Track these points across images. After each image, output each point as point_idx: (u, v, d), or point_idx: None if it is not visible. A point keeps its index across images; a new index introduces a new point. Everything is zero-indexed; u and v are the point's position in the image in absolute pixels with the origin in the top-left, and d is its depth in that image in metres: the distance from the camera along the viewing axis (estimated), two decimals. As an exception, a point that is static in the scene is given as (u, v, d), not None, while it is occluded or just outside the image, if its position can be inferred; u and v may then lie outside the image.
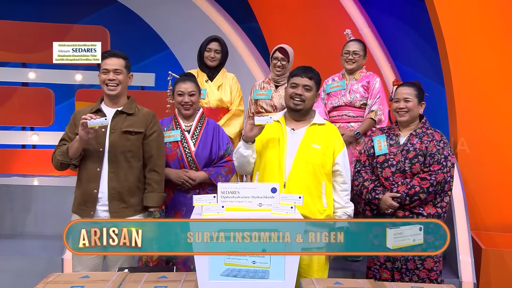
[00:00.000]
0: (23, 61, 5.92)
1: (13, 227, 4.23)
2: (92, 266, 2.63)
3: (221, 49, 3.58)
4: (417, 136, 2.82)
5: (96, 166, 2.61)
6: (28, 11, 6.21)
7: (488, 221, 4.08)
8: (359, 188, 2.89)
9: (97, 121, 2.41)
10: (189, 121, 2.98)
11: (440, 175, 2.71)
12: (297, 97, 2.55)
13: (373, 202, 2.82)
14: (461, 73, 4.12)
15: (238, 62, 5.76)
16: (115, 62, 2.64)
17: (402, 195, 2.73)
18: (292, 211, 2.02)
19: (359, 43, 3.70)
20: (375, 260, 2.86)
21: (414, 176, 2.76)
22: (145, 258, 2.99)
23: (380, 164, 2.84)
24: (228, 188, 2.09)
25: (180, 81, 2.95)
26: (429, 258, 2.75)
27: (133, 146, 2.65)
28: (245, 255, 1.88)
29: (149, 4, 6.36)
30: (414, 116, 2.84)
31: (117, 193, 2.62)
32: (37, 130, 5.92)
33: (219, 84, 3.58)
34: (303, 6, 5.75)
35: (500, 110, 4.05)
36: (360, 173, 2.93)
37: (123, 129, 2.63)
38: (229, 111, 3.63)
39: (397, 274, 2.81)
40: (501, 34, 4.04)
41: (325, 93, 3.76)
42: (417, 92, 2.85)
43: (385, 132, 2.93)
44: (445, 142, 2.82)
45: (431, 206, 2.76)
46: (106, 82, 2.64)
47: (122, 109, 2.67)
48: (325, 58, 5.22)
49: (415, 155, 2.77)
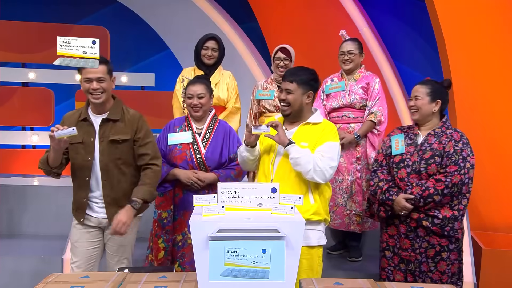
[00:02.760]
0: (23, 61, 5.91)
1: (13, 227, 4.23)
2: (86, 258, 2.67)
3: (218, 47, 3.58)
4: (435, 136, 2.76)
5: (84, 176, 2.62)
6: (28, 11, 6.22)
7: (488, 221, 4.08)
8: (374, 188, 2.86)
9: (64, 131, 2.39)
10: (201, 123, 2.99)
11: (457, 176, 2.64)
12: (282, 103, 2.57)
13: (387, 203, 2.78)
14: (461, 73, 4.11)
15: (238, 62, 5.77)
16: (97, 70, 2.49)
17: (415, 196, 2.68)
18: (292, 211, 2.02)
19: (353, 42, 3.69)
20: (389, 261, 2.83)
21: (429, 177, 2.70)
22: (150, 256, 3.00)
23: (396, 164, 2.80)
24: (228, 188, 2.09)
25: (190, 84, 2.98)
26: (442, 261, 2.72)
27: (122, 154, 2.64)
28: (245, 255, 1.88)
29: (149, 4, 6.37)
30: (425, 114, 2.79)
31: (112, 199, 2.64)
32: (37, 130, 5.91)
33: (216, 81, 3.59)
34: (303, 6, 5.75)
35: (500, 110, 4.05)
36: (376, 173, 2.89)
37: (110, 137, 2.61)
38: (226, 109, 3.63)
39: (410, 277, 2.77)
40: (501, 34, 4.04)
41: (324, 94, 3.75)
42: (430, 90, 2.78)
43: (405, 132, 2.87)
44: (465, 142, 2.73)
45: (447, 209, 2.69)
46: (90, 91, 2.57)
47: (108, 116, 2.63)
48: (325, 58, 5.22)
49: (431, 155, 2.71)
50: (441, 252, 2.72)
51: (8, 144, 5.97)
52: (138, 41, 6.45)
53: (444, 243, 2.72)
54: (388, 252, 2.84)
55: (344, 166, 3.63)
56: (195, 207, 2.06)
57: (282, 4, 5.88)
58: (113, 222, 2.53)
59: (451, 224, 2.69)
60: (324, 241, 2.58)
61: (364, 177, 3.63)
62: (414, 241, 2.75)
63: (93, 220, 2.68)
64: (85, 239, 2.69)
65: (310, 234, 2.50)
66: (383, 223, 2.91)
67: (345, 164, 3.63)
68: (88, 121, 2.63)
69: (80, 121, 2.62)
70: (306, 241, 2.43)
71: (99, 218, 2.67)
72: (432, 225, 2.69)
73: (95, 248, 2.71)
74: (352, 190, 3.61)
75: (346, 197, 3.62)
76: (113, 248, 2.72)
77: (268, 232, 1.88)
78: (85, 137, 2.60)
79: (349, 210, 3.62)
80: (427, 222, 2.70)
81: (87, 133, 2.61)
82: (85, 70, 2.54)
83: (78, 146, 2.60)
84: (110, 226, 2.59)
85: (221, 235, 1.87)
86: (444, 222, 2.68)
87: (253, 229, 1.89)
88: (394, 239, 2.82)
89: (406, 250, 2.76)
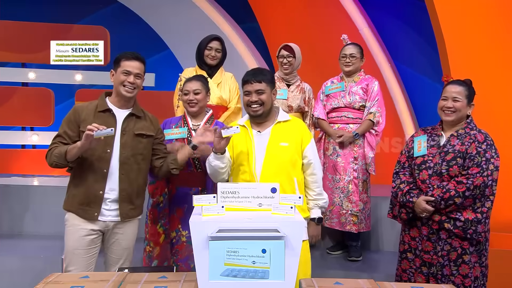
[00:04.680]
0: (23, 61, 5.92)
1: (13, 227, 4.23)
2: (84, 266, 2.60)
3: (222, 48, 3.60)
4: (458, 137, 2.68)
5: (102, 168, 2.57)
6: (28, 11, 6.22)
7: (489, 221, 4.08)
8: (395, 190, 2.79)
9: (103, 132, 2.36)
10: (197, 121, 3.01)
11: (479, 178, 2.57)
12: (253, 104, 2.55)
13: (408, 205, 2.72)
14: (461, 73, 4.10)
15: (238, 62, 5.77)
16: (138, 66, 2.62)
17: (436, 199, 2.61)
18: (292, 211, 2.02)
19: (355, 46, 3.75)
20: (411, 263, 2.77)
21: (451, 179, 2.63)
22: (148, 248, 2.98)
23: (417, 166, 2.73)
24: (228, 188, 2.09)
25: (187, 81, 3.01)
26: (464, 264, 2.64)
27: (144, 149, 2.65)
28: (245, 255, 1.88)
29: (149, 4, 6.37)
30: (461, 117, 2.70)
31: (127, 195, 2.62)
32: (37, 130, 5.92)
33: (218, 82, 3.60)
34: (303, 6, 5.76)
35: (500, 110, 4.05)
36: (398, 175, 2.82)
37: (136, 131, 2.62)
38: (228, 109, 3.64)
39: (433, 280, 2.69)
40: (501, 34, 4.05)
41: (324, 94, 3.80)
42: (468, 92, 2.69)
43: (428, 133, 2.80)
44: (489, 143, 2.66)
45: (470, 211, 2.61)
46: (125, 83, 2.60)
47: (133, 111, 2.66)
48: (325, 58, 5.23)
49: (453, 157, 2.63)
50: (462, 255, 2.64)
51: (8, 144, 5.98)
52: (138, 41, 6.44)
53: (465, 246, 2.64)
54: (410, 254, 2.77)
55: (341, 165, 3.65)
56: (195, 207, 2.06)
57: (282, 4, 5.89)
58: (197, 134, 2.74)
59: (474, 227, 2.60)
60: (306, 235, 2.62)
61: (361, 177, 3.64)
62: (436, 244, 2.67)
63: (99, 223, 2.59)
64: (86, 246, 2.59)
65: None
66: (404, 225, 2.84)
67: (342, 163, 3.65)
68: (109, 113, 2.62)
69: (98, 112, 2.60)
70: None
71: (106, 221, 2.60)
72: (454, 228, 2.61)
73: (93, 255, 2.64)
74: (348, 190, 3.62)
75: (342, 196, 3.64)
76: (118, 252, 2.67)
77: (268, 232, 1.88)
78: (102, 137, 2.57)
79: (345, 210, 3.63)
80: (449, 225, 2.62)
81: (107, 124, 2.54)
82: (126, 63, 2.60)
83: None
84: (115, 230, 2.62)
85: (221, 235, 1.87)
86: (466, 224, 2.60)
87: (253, 229, 1.89)
88: (416, 241, 2.75)
89: (428, 252, 2.69)
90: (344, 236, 3.83)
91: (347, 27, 5.43)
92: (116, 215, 2.62)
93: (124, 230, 2.66)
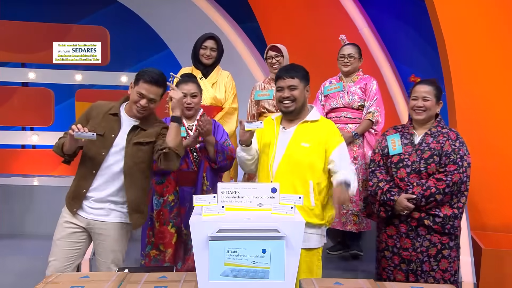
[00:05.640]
0: (23, 61, 5.92)
1: (13, 227, 4.23)
2: (64, 259, 2.60)
3: (217, 47, 3.58)
4: (432, 135, 2.77)
5: (92, 168, 2.59)
6: (28, 11, 6.22)
7: (488, 221, 4.08)
8: (373, 189, 2.84)
9: (83, 134, 2.41)
10: (191, 121, 3.03)
11: (456, 175, 2.67)
12: (285, 100, 2.53)
13: (388, 204, 2.78)
14: (461, 73, 4.12)
15: (238, 62, 5.77)
16: (155, 91, 2.56)
17: (417, 196, 2.69)
18: (292, 211, 2.02)
19: (354, 46, 3.76)
20: (389, 261, 2.82)
21: (429, 177, 2.72)
22: (153, 252, 2.97)
23: (394, 164, 2.79)
24: (228, 188, 2.09)
25: (182, 83, 2.99)
26: (444, 259, 2.73)
27: (145, 156, 2.64)
28: (245, 255, 1.88)
29: (149, 4, 6.37)
30: (431, 115, 2.80)
31: (136, 205, 2.63)
32: (37, 130, 5.91)
33: (213, 81, 3.59)
34: (303, 6, 5.75)
35: (500, 110, 4.04)
36: (374, 173, 2.88)
37: (134, 140, 2.61)
38: (223, 109, 3.63)
39: (412, 276, 2.75)
40: (501, 34, 4.04)
41: (322, 95, 3.80)
42: (436, 91, 2.79)
43: (399, 131, 2.87)
44: (461, 141, 2.76)
45: (447, 207, 2.72)
46: (138, 104, 2.57)
47: (140, 124, 2.64)
48: (324, 58, 5.22)
49: (430, 155, 2.72)
50: (442, 250, 2.73)
51: (8, 144, 5.97)
52: (138, 41, 6.45)
53: (445, 241, 2.73)
54: (387, 252, 2.84)
55: (341, 165, 3.65)
56: (195, 207, 2.06)
57: (282, 4, 5.88)
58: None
59: (452, 222, 2.71)
60: (324, 240, 2.58)
61: (361, 177, 3.64)
62: (415, 240, 2.75)
63: (80, 219, 2.61)
64: (68, 238, 2.62)
65: (310, 238, 2.49)
66: (381, 223, 2.90)
67: (342, 163, 3.65)
68: (117, 117, 2.62)
69: (108, 115, 2.62)
70: (305, 243, 2.36)
71: (88, 219, 2.61)
72: (434, 224, 2.71)
73: (76, 250, 2.64)
74: (349, 189, 3.62)
75: (343, 196, 3.63)
76: (104, 254, 2.65)
77: (268, 232, 1.88)
78: (107, 131, 2.58)
79: (346, 209, 3.62)
80: (429, 221, 2.71)
81: (110, 128, 2.59)
82: (143, 85, 2.55)
83: (98, 137, 2.53)
84: (98, 230, 2.62)
85: (221, 235, 1.87)
86: (445, 220, 2.70)
87: (253, 229, 1.89)
88: (393, 239, 2.82)
89: (407, 249, 2.76)
90: (345, 236, 3.83)
91: (347, 27, 5.42)
92: (99, 214, 2.61)
93: (108, 232, 2.63)
